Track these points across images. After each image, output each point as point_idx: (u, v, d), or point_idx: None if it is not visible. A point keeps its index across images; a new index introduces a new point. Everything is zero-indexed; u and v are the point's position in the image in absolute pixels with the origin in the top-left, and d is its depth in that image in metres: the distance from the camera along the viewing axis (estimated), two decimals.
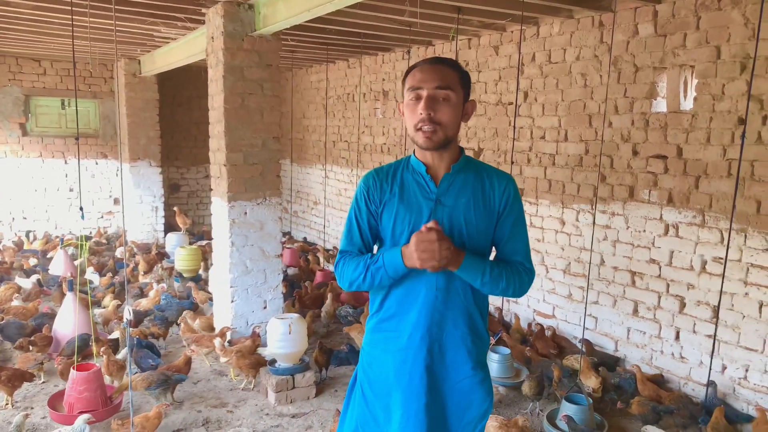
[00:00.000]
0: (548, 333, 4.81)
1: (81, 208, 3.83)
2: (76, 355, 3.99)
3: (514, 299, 5.33)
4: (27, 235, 8.44)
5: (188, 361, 4.16)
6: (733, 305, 3.78)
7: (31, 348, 4.36)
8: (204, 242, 8.41)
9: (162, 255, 7.69)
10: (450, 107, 1.78)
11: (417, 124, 1.78)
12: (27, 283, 5.94)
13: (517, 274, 1.85)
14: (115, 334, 4.69)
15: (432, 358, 1.86)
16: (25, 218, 8.83)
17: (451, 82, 1.79)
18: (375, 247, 1.97)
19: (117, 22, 5.13)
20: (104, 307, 5.39)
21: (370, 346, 1.98)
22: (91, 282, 6.15)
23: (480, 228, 1.85)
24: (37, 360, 4.18)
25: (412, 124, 1.80)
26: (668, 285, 4.17)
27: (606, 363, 4.31)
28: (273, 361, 4.17)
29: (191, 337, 4.61)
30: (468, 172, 1.88)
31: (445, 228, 1.82)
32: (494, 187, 1.87)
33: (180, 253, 6.91)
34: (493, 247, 1.93)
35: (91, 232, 8.98)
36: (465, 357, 1.88)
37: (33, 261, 7.04)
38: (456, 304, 1.85)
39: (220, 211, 4.84)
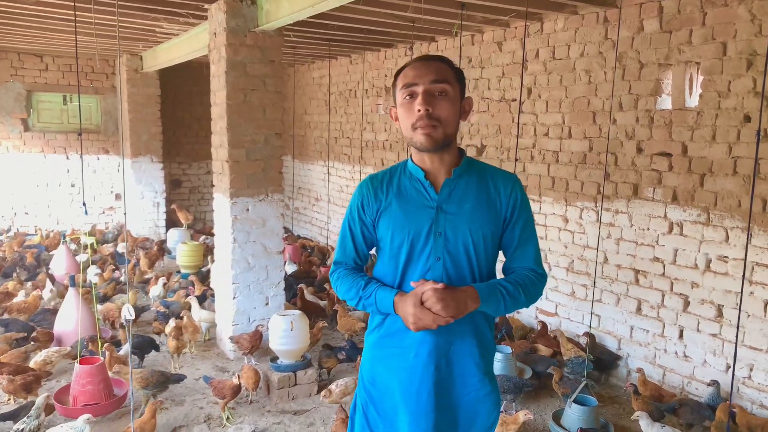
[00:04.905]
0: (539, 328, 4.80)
1: (84, 204, 3.82)
2: (79, 353, 4.01)
3: None
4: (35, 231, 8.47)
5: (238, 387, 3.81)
6: (737, 304, 3.76)
7: (32, 344, 4.36)
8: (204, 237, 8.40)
9: (163, 250, 7.67)
10: (448, 101, 1.66)
11: (415, 123, 1.65)
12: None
13: (531, 284, 1.74)
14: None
15: (440, 374, 1.75)
16: (27, 213, 8.82)
17: (447, 76, 1.67)
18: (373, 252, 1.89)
19: (120, 18, 5.11)
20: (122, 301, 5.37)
21: (372, 362, 1.85)
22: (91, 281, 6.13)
23: (486, 235, 1.73)
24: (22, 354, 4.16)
25: (409, 124, 1.67)
26: (672, 283, 4.14)
27: (604, 360, 4.37)
28: (275, 358, 4.16)
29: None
30: (471, 175, 1.76)
31: (449, 237, 1.71)
32: (500, 190, 1.75)
33: (182, 249, 6.90)
34: (501, 253, 1.83)
35: (90, 228, 8.97)
36: (473, 370, 1.78)
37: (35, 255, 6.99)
38: (464, 317, 1.70)
39: (222, 207, 4.82)
